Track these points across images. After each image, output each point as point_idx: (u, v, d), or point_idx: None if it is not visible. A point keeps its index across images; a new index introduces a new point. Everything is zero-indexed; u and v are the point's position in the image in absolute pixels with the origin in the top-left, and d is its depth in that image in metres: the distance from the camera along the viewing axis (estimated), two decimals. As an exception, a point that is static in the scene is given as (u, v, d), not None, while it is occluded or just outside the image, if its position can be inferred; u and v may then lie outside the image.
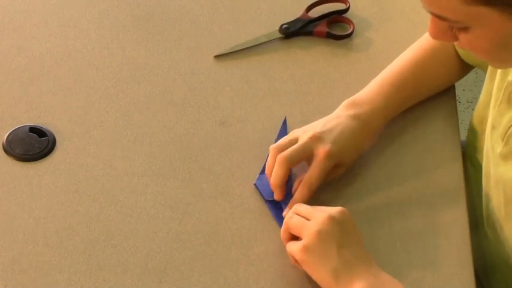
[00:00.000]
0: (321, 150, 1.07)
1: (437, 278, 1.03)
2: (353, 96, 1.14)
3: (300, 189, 1.07)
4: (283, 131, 1.17)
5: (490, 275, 1.20)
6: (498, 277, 1.18)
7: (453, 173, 1.15)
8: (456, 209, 1.11)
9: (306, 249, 0.98)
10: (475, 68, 1.22)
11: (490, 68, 1.11)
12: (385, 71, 1.18)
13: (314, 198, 1.08)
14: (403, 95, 1.16)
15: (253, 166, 1.14)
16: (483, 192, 1.13)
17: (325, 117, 1.12)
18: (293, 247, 1.00)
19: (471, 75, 1.30)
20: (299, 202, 1.05)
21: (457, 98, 1.84)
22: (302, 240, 0.99)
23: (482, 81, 1.16)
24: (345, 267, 0.96)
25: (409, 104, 1.19)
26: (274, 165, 1.08)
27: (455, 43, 0.97)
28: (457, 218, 1.09)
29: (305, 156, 1.08)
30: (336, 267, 0.96)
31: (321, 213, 0.99)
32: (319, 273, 0.98)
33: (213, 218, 1.09)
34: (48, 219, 1.09)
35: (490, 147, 1.08)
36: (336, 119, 1.11)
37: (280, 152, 1.08)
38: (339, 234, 0.98)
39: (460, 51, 1.18)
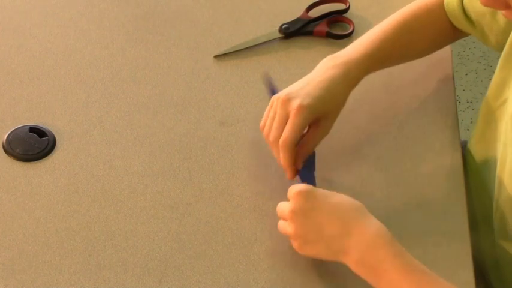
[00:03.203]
0: (293, 106, 1.06)
1: (437, 278, 1.03)
2: (334, 54, 1.15)
3: (281, 154, 1.07)
4: (273, 89, 1.17)
5: (494, 269, 1.20)
6: (504, 270, 1.18)
7: (453, 173, 1.15)
8: (456, 209, 1.11)
9: (299, 249, 1.01)
10: (475, 69, 1.22)
11: (503, 56, 1.10)
12: (367, 32, 1.19)
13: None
14: (386, 48, 1.16)
15: (253, 166, 1.14)
16: (496, 182, 1.12)
17: (307, 75, 1.13)
18: (294, 246, 1.02)
19: (471, 75, 1.31)
20: (284, 165, 1.06)
21: (457, 98, 1.85)
22: (292, 243, 1.01)
23: (483, 81, 1.16)
24: (332, 245, 0.98)
25: (393, 61, 1.20)
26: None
27: (503, 13, 0.97)
28: (457, 218, 1.09)
29: (286, 122, 1.07)
30: (326, 248, 0.98)
31: (286, 211, 1.01)
32: (324, 257, 1.00)
33: (213, 218, 1.09)
34: (48, 219, 1.09)
35: (510, 134, 1.07)
36: (314, 73, 1.12)
37: (269, 133, 1.09)
38: (308, 221, 0.99)
39: (452, 17, 1.19)
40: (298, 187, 1.01)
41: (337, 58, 1.13)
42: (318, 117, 1.09)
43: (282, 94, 1.09)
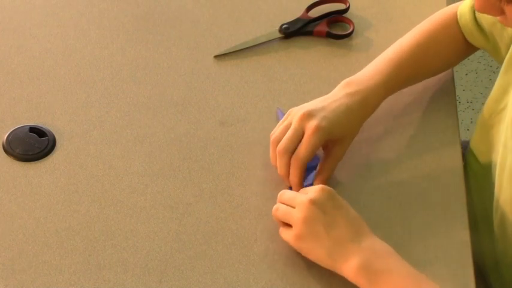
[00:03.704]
0: (309, 126, 1.07)
1: (437, 278, 1.03)
2: (351, 77, 1.15)
3: (292, 169, 1.08)
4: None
5: (494, 269, 1.20)
6: (504, 271, 1.18)
7: (453, 173, 1.15)
8: (456, 208, 1.11)
9: (298, 238, 1.01)
10: (475, 69, 1.22)
11: (507, 60, 1.10)
12: (383, 53, 1.19)
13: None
14: (402, 73, 1.17)
15: (253, 166, 1.14)
16: (496, 185, 1.12)
17: (324, 96, 1.13)
18: (287, 236, 1.03)
19: (471, 75, 1.31)
20: (294, 181, 1.07)
21: (457, 98, 1.85)
22: (293, 230, 1.01)
23: (483, 81, 1.16)
24: (337, 246, 0.99)
25: (410, 82, 1.20)
26: (276, 157, 1.09)
27: (498, 18, 0.97)
28: (457, 218, 1.09)
29: (300, 139, 1.08)
30: (328, 248, 0.99)
31: (303, 199, 1.01)
32: (317, 257, 1.00)
33: (213, 218, 1.09)
34: (48, 219, 1.09)
35: (510, 138, 1.07)
36: (332, 96, 1.12)
37: (278, 142, 1.09)
38: (323, 216, 1.00)
39: (466, 32, 1.19)
40: (323, 185, 1.03)
41: (354, 85, 1.13)
42: (333, 141, 1.10)
43: (302, 109, 1.09)
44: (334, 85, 1.24)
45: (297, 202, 1.01)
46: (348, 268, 0.97)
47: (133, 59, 1.29)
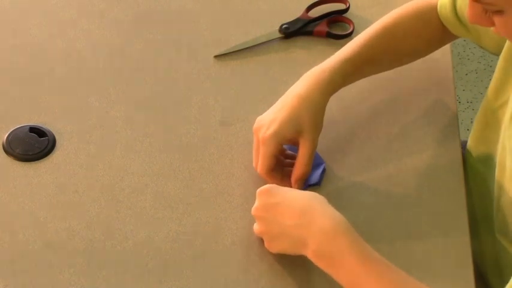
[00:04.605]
0: (260, 138, 1.10)
1: (437, 278, 1.03)
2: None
3: (268, 180, 1.10)
4: None
5: (494, 269, 1.20)
6: (505, 271, 1.18)
7: (453, 173, 1.15)
8: (456, 209, 1.11)
9: (268, 246, 1.03)
10: (475, 69, 1.22)
11: (502, 57, 1.10)
12: (354, 38, 1.19)
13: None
14: (365, 54, 1.16)
15: (253, 166, 1.14)
16: (495, 185, 1.12)
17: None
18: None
19: (471, 75, 1.31)
20: (262, 189, 1.05)
21: (457, 98, 1.85)
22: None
23: (483, 81, 1.16)
24: (291, 236, 0.99)
25: (376, 66, 1.20)
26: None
27: (492, 29, 0.97)
28: (457, 218, 1.09)
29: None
30: (287, 241, 1.00)
31: (252, 211, 1.04)
32: (287, 251, 1.02)
33: (213, 218, 1.09)
34: (48, 219, 1.09)
35: (508, 139, 1.07)
36: (291, 87, 1.13)
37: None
38: (268, 215, 1.01)
39: (447, 23, 1.18)
40: (261, 187, 1.03)
41: (316, 68, 1.14)
42: (294, 136, 1.10)
43: (255, 123, 1.12)
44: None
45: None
46: (309, 253, 0.98)
47: (134, 59, 1.29)
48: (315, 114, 1.11)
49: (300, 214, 0.99)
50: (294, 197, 1.01)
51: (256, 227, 1.04)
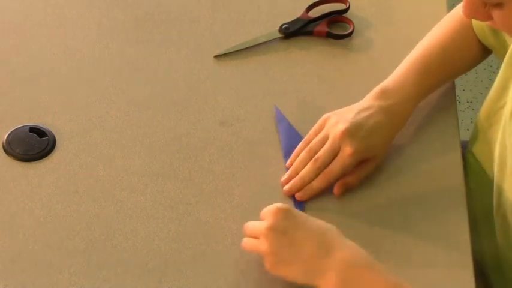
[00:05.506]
0: (346, 149, 1.09)
1: (437, 278, 1.03)
2: (382, 84, 1.15)
3: (319, 178, 1.09)
4: (281, 119, 1.17)
5: (495, 269, 1.20)
6: (506, 270, 1.18)
7: (453, 173, 1.15)
8: (456, 209, 1.11)
9: (271, 268, 0.99)
10: (475, 69, 1.22)
11: (506, 58, 1.10)
12: (410, 55, 1.19)
13: (313, 201, 1.09)
14: (430, 81, 1.17)
15: (253, 166, 1.14)
16: (494, 184, 1.12)
17: (356, 104, 1.13)
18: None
19: (471, 75, 1.31)
20: (314, 189, 1.08)
21: (457, 98, 1.85)
22: (265, 261, 0.99)
23: (483, 81, 1.16)
24: (309, 265, 0.96)
25: (435, 88, 1.20)
26: (305, 165, 1.10)
27: (488, 23, 0.96)
28: (457, 218, 1.09)
29: (335, 155, 1.10)
30: (301, 269, 0.97)
31: (262, 228, 0.99)
32: (295, 280, 0.98)
33: (213, 218, 1.09)
34: (48, 219, 1.09)
35: (508, 136, 1.07)
36: (367, 110, 1.12)
37: (311, 152, 1.11)
38: (285, 239, 0.97)
39: (478, 32, 1.18)
40: (276, 205, 1.00)
41: (387, 97, 1.13)
42: (366, 159, 1.11)
43: (340, 123, 1.10)
44: (335, 85, 1.25)
45: (258, 233, 0.99)
46: (327, 284, 0.95)
47: (134, 59, 1.29)
48: (387, 147, 1.14)
49: (320, 244, 0.97)
50: (311, 224, 0.99)
51: (260, 246, 0.99)
